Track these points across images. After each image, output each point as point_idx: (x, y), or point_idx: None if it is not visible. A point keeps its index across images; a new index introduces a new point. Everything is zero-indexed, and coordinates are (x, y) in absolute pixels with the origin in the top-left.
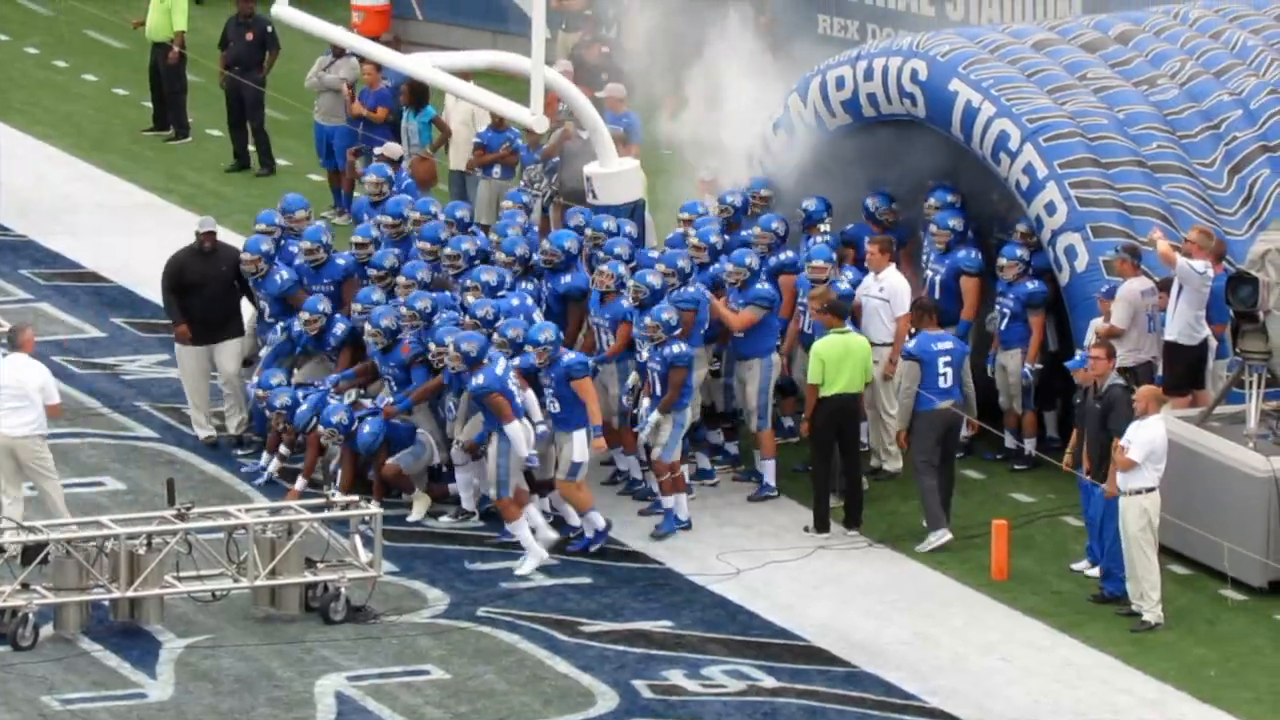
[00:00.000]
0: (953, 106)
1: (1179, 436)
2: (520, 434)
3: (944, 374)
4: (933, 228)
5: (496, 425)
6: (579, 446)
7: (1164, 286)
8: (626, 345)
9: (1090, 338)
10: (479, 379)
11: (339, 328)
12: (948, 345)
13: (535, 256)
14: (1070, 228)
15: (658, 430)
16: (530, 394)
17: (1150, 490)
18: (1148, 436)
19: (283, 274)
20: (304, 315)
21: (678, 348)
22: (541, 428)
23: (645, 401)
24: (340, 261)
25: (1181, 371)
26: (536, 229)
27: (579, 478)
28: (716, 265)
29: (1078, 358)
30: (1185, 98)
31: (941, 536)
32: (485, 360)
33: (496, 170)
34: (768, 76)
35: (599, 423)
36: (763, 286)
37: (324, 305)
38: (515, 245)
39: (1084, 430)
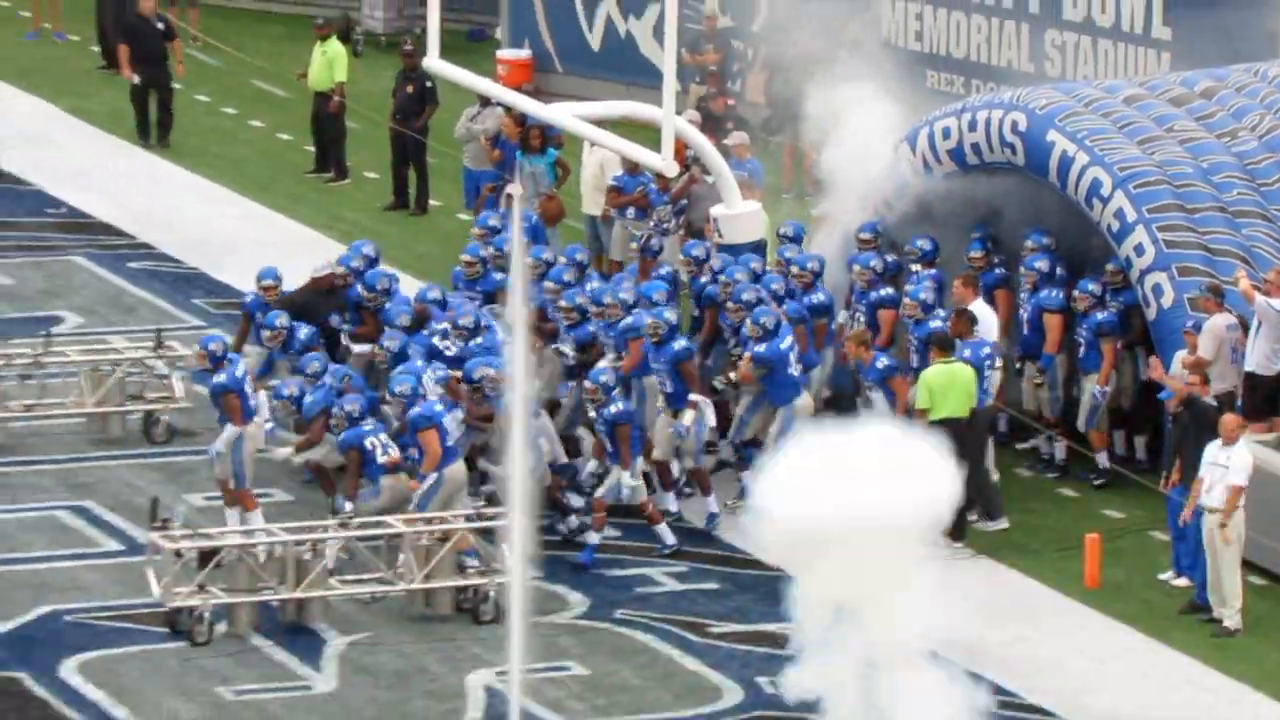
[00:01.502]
0: (1050, 155)
1: (1257, 459)
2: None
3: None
4: (1022, 269)
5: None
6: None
7: (1245, 323)
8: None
9: (1176, 368)
10: (220, 377)
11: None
12: (965, 354)
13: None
14: (1157, 268)
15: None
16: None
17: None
18: (1244, 461)
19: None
20: (266, 332)
21: (616, 407)
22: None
23: (593, 463)
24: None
25: (1260, 400)
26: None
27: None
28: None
29: (1168, 390)
30: (1264, 149)
31: (1000, 523)
32: (226, 361)
33: (631, 211)
34: (881, 125)
35: (428, 470)
36: (760, 349)
37: (282, 320)
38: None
39: (1184, 449)
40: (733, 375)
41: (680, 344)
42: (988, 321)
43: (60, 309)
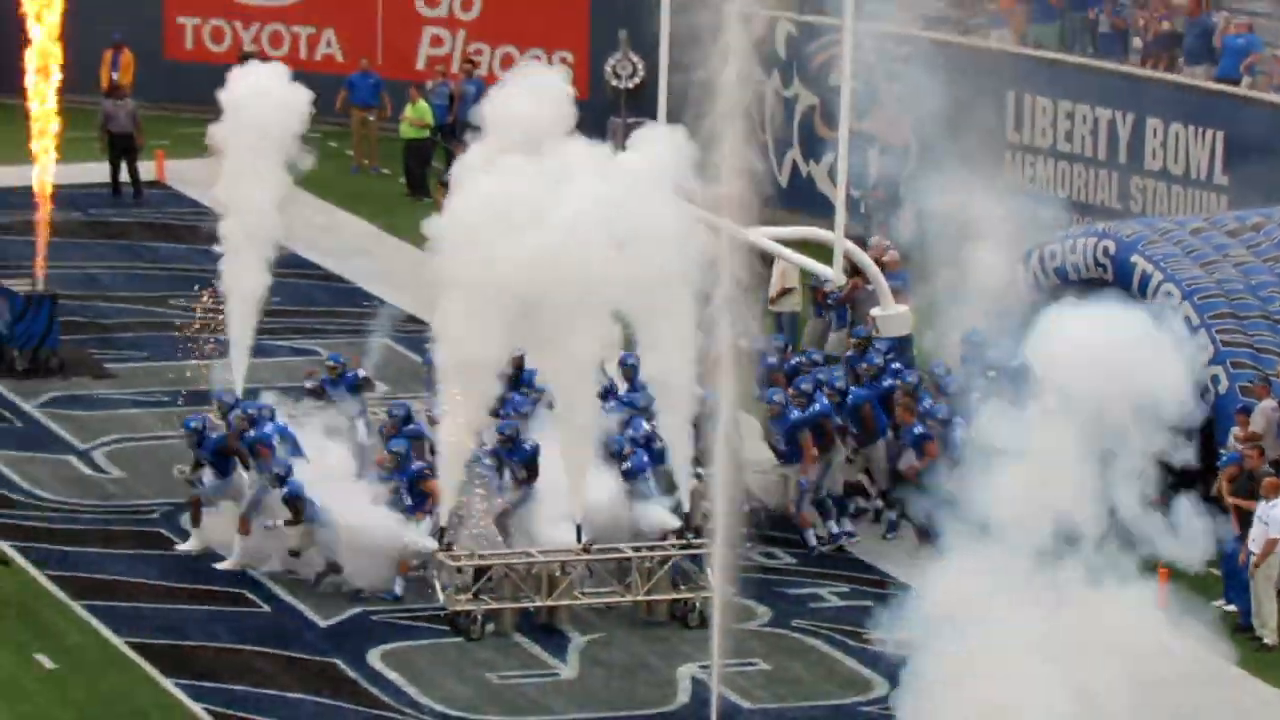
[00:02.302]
0: (1133, 274)
1: None
2: None
3: None
4: None
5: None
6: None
7: None
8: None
9: (1231, 442)
10: (259, 430)
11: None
12: None
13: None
14: (1216, 362)
15: None
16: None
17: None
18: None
19: None
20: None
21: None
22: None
23: None
24: None
25: None
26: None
27: None
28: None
29: (1225, 458)
30: None
31: None
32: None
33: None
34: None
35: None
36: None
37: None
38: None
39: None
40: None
41: None
42: None
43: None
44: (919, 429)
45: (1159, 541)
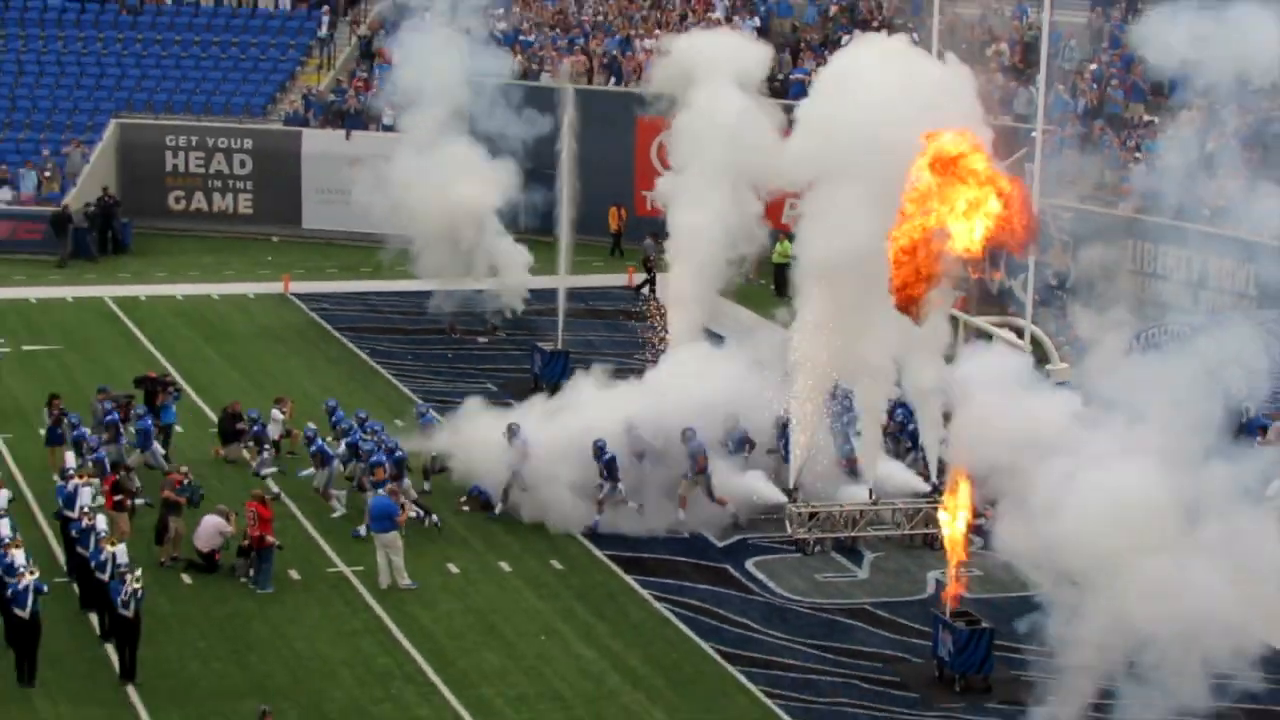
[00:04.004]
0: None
1: None
2: None
3: None
4: None
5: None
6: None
7: None
8: None
9: (1256, 445)
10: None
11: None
12: None
13: None
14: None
15: None
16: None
17: None
18: None
19: None
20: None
21: None
22: None
23: None
24: None
25: None
26: None
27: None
28: None
29: None
30: None
31: None
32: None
33: None
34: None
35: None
36: None
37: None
38: None
39: None
40: None
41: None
42: None
43: None
44: None
45: None
